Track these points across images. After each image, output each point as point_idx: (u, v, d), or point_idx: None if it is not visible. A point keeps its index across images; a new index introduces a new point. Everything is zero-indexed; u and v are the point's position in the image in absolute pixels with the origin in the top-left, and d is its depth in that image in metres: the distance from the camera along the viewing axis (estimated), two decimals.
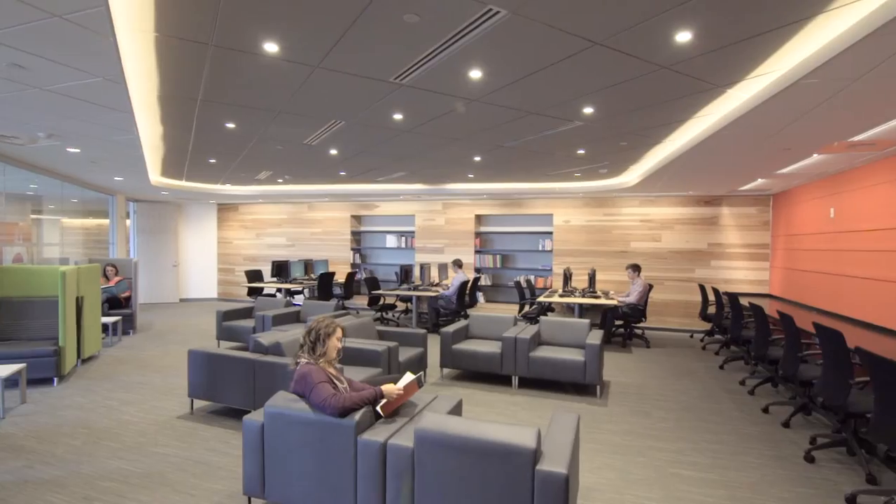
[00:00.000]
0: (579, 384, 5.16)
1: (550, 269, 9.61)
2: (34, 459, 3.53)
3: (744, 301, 6.27)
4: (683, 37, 2.74)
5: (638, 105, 3.95)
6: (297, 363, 2.88)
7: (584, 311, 7.54)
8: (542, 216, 9.73)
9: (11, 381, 4.98)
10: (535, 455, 2.20)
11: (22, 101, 3.66)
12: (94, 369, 5.97)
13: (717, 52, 2.92)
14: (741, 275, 8.43)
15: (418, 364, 5.29)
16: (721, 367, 6.27)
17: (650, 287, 7.61)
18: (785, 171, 5.83)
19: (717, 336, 8.00)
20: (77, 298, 6.01)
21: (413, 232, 10.72)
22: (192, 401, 4.58)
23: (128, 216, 11.79)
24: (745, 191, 7.81)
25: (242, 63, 3.19)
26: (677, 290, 8.74)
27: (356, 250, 11.34)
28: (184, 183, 9.38)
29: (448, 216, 10.34)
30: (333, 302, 7.17)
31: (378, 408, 2.80)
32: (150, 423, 4.25)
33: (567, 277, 8.00)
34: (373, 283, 9.32)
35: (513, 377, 5.28)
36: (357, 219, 11.39)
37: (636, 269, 7.66)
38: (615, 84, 3.48)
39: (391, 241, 10.97)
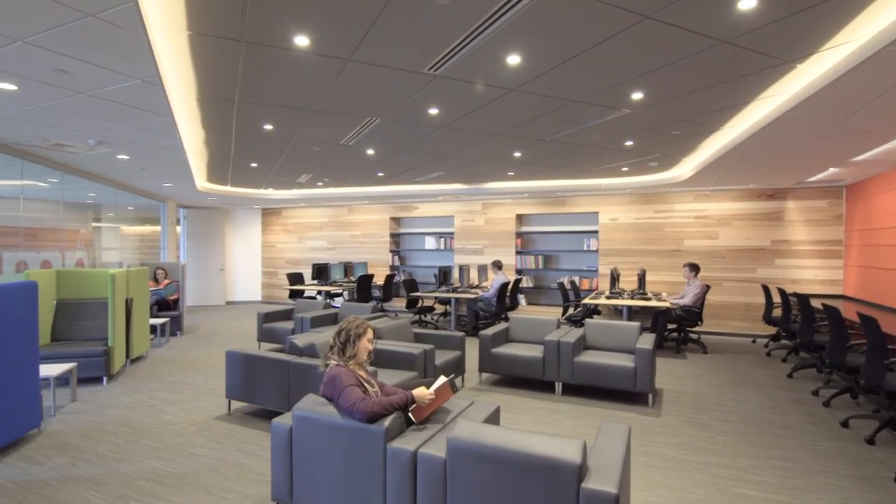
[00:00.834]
0: (629, 392, 4.81)
1: (596, 270, 9.20)
2: (78, 457, 3.58)
3: (815, 303, 5.72)
4: (747, 3, 2.43)
5: (693, 87, 3.61)
6: (326, 365, 2.75)
7: (633, 313, 7.13)
8: (587, 214, 9.34)
9: (63, 380, 5.18)
10: (581, 471, 1.96)
11: (70, 107, 3.75)
12: (142, 369, 6.13)
13: (787, 20, 2.58)
14: (810, 274, 7.75)
15: (455, 368, 5.10)
16: (789, 376, 5.73)
17: (707, 288, 7.11)
18: (862, 157, 5.26)
19: (784, 341, 7.38)
20: (126, 300, 6.20)
21: (452, 233, 10.56)
22: (229, 402, 4.57)
23: (178, 222, 12.27)
24: (814, 182, 7.18)
25: (275, 59, 3.11)
26: (737, 291, 8.14)
27: (395, 252, 11.29)
28: (229, 188, 9.61)
29: (488, 216, 10.11)
30: (371, 304, 7.09)
31: (409, 413, 2.64)
32: (189, 424, 4.26)
33: (614, 278, 7.60)
34: (411, 285, 9.22)
35: (556, 383, 5.00)
36: (396, 221, 11.35)
37: (694, 268, 7.16)
38: (667, 64, 3.18)
39: (430, 242, 10.85)
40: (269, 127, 4.82)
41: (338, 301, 10.36)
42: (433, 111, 4.25)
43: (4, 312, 3.58)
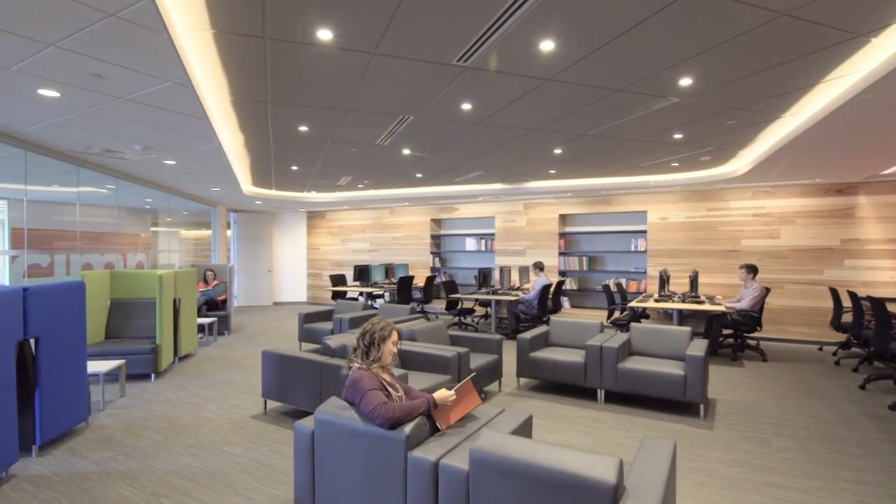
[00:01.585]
0: (678, 402, 4.47)
1: (644, 272, 8.76)
2: (118, 452, 3.67)
3: (891, 307, 5.15)
4: None
5: (748, 70, 3.30)
6: (349, 368, 2.67)
7: (684, 317, 6.71)
8: (635, 214, 8.91)
9: (113, 376, 5.39)
10: (616, 492, 1.76)
11: (110, 112, 3.88)
12: (188, 367, 6.31)
13: None
14: (885, 276, 7.04)
15: (492, 372, 4.93)
16: (862, 387, 5.18)
17: (766, 291, 6.58)
18: None
19: (856, 349, 6.72)
20: (174, 300, 6.41)
21: (493, 234, 10.37)
22: (265, 401, 4.60)
23: (229, 226, 12.73)
24: (890, 175, 6.51)
25: (300, 56, 3.08)
26: (801, 294, 7.51)
27: (436, 254, 11.22)
28: (274, 192, 9.85)
29: (530, 216, 9.85)
30: (409, 305, 7.02)
31: (435, 419, 2.52)
32: (226, 422, 4.31)
33: (663, 280, 7.18)
34: (450, 286, 9.10)
35: (598, 390, 4.73)
36: (437, 222, 11.28)
37: (751, 270, 6.64)
38: (719, 44, 2.90)
39: (471, 244, 10.71)
40: (304, 128, 4.83)
41: (379, 302, 10.41)
42: (466, 106, 4.11)
43: (55, 310, 3.73)
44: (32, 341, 3.56)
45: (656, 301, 6.82)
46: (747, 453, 3.56)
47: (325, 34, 2.76)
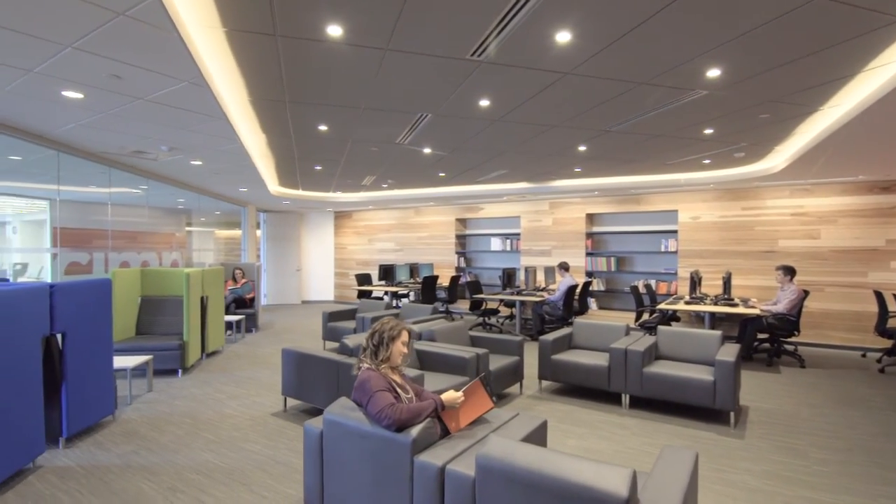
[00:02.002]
0: (707, 409, 4.27)
1: (675, 273, 8.47)
2: (141, 446, 3.75)
3: None
4: None
5: (782, 59, 3.11)
6: (359, 368, 2.63)
7: (716, 321, 6.45)
8: (665, 213, 8.63)
9: (141, 371, 5.52)
10: None
11: (133, 113, 3.97)
12: (215, 363, 6.44)
13: None
14: None
15: (512, 374, 4.83)
16: None
17: (805, 294, 6.24)
18: None
19: None
20: (202, 298, 6.54)
21: (518, 234, 10.23)
22: (285, 399, 4.63)
23: (259, 226, 12.98)
24: None
25: (313, 53, 3.06)
26: (843, 297, 7.11)
27: (461, 254, 11.15)
28: (300, 192, 9.97)
29: (556, 216, 9.67)
30: (431, 305, 6.98)
31: (445, 422, 2.46)
32: (246, 418, 4.36)
33: (695, 282, 6.92)
34: (474, 286, 9.01)
35: (623, 395, 4.57)
36: (462, 222, 11.21)
37: (789, 271, 6.31)
38: (749, 30, 2.73)
39: (496, 244, 10.60)
40: (323, 128, 4.84)
41: (404, 302, 10.42)
42: (484, 103, 4.03)
43: (81, 307, 3.83)
44: (59, 336, 3.67)
45: (687, 303, 6.57)
46: (780, 465, 3.36)
47: (335, 30, 2.73)
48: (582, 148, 5.64)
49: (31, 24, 2.43)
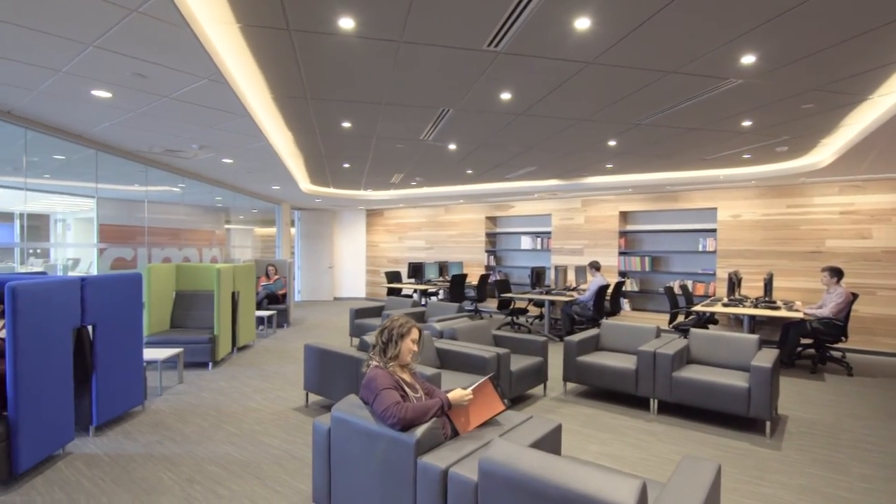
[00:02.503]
0: (741, 417, 4.02)
1: (713, 274, 8.09)
2: (166, 436, 3.85)
3: None
4: None
5: (825, 43, 2.87)
6: (367, 365, 2.59)
7: (756, 325, 6.10)
8: (703, 211, 8.26)
9: (172, 363, 5.68)
10: None
11: (160, 112, 4.07)
12: (245, 357, 6.58)
13: None
14: None
15: (535, 376, 4.70)
16: None
17: (853, 297, 5.83)
18: None
19: None
20: (233, 293, 6.70)
21: (549, 232, 10.02)
22: (307, 394, 4.67)
23: (293, 223, 13.25)
24: None
25: (328, 48, 3.05)
26: None
27: (491, 252, 11.03)
28: (331, 190, 10.10)
29: (588, 214, 9.42)
30: (456, 304, 6.91)
31: (454, 423, 2.39)
32: (268, 412, 4.41)
33: (734, 283, 6.58)
34: (503, 285, 8.89)
35: (651, 400, 4.37)
36: (492, 220, 11.09)
37: (836, 273, 5.90)
38: (784, 12, 2.54)
39: (526, 242, 10.43)
40: (347, 124, 4.85)
41: (432, 300, 10.40)
42: (505, 96, 3.93)
43: (111, 300, 3.96)
44: (90, 328, 3.80)
45: (725, 305, 6.25)
46: (818, 479, 3.12)
47: (346, 22, 2.70)
48: (612, 143, 5.45)
49: (50, 24, 2.51)
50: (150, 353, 5.02)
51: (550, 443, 2.46)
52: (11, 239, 9.74)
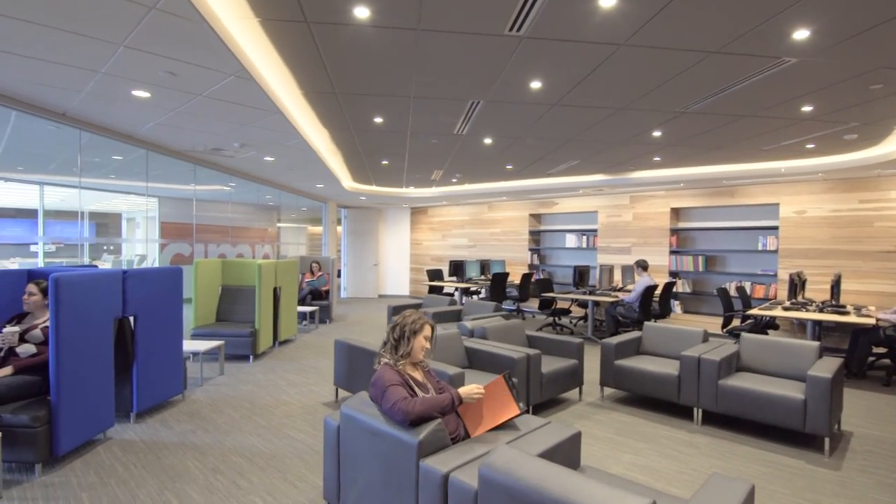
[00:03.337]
0: (796, 432, 3.64)
1: (774, 275, 7.49)
2: (199, 425, 3.97)
3: None
4: None
5: (892, 11, 2.52)
6: (379, 363, 2.52)
7: (822, 331, 5.57)
8: (763, 207, 7.66)
9: (213, 355, 5.86)
10: None
11: (197, 110, 4.19)
12: (285, 351, 6.73)
13: None
14: None
15: (569, 379, 4.49)
16: None
17: None
18: None
19: None
20: (275, 289, 6.86)
21: (595, 230, 9.65)
22: (336, 389, 4.69)
23: (340, 221, 13.52)
24: None
25: (348, 39, 3.01)
26: None
27: (534, 251, 10.77)
28: (374, 188, 10.20)
29: (637, 211, 8.99)
30: (493, 303, 6.76)
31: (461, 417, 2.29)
32: (298, 406, 4.46)
33: (796, 285, 6.04)
34: (545, 285, 8.64)
35: (695, 409, 4.06)
36: (536, 217, 10.82)
37: None
38: None
39: (571, 240, 10.10)
40: (378, 120, 4.83)
41: (472, 298, 10.29)
42: (536, 85, 3.75)
43: (152, 292, 4.12)
44: (132, 319, 3.97)
45: (785, 309, 5.75)
46: None
47: (362, 11, 2.64)
48: (656, 133, 5.13)
49: (79, 24, 2.61)
50: (191, 345, 5.23)
51: (567, 451, 2.30)
52: (80, 236, 10.51)
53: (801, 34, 2.77)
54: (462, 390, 2.25)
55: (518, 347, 4.29)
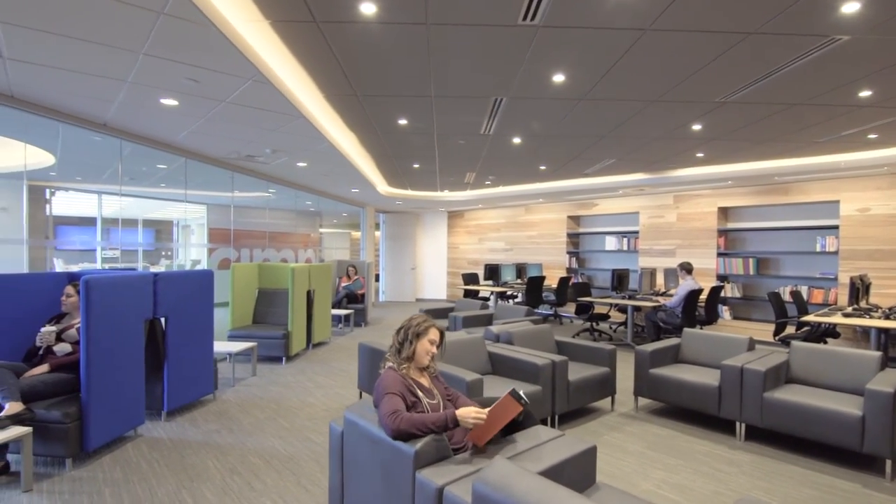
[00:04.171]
0: (852, 452, 3.27)
1: (834, 278, 6.89)
2: (224, 426, 4.02)
3: None
4: None
5: None
6: (384, 366, 2.44)
7: (889, 339, 5.05)
8: (822, 205, 7.08)
9: (246, 356, 5.97)
10: None
11: (224, 116, 4.27)
12: (318, 354, 6.80)
13: None
14: None
15: (599, 387, 4.26)
16: None
17: None
18: None
19: None
20: (308, 292, 6.95)
21: (637, 232, 9.24)
22: (360, 392, 4.66)
23: (378, 226, 13.66)
24: None
25: (359, 38, 2.97)
26: None
27: (573, 254, 10.44)
28: (409, 192, 10.21)
29: (681, 211, 8.53)
30: (526, 307, 6.57)
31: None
32: (322, 409, 4.46)
33: (858, 290, 5.52)
34: (582, 289, 8.34)
35: (737, 424, 3.74)
36: (574, 219, 10.50)
37: None
38: None
39: (611, 243, 9.72)
40: (403, 121, 4.79)
41: (500, 303, 10.09)
42: (558, 78, 3.59)
43: (182, 295, 4.23)
44: (163, 320, 4.09)
45: (846, 315, 5.26)
46: None
47: (367, 7, 2.59)
48: (696, 127, 4.82)
49: (98, 34, 2.69)
50: (225, 346, 5.35)
51: (580, 466, 2.13)
52: (136, 242, 11.09)
53: (850, 6, 2.49)
54: (460, 414, 2.10)
55: (544, 353, 4.10)
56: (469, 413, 2.08)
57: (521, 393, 2.19)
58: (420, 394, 2.29)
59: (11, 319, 3.62)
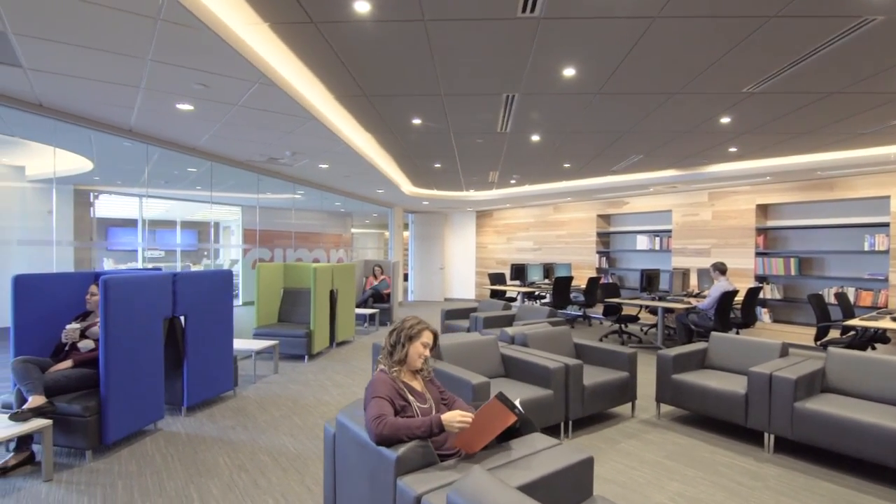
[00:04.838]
0: (893, 470, 3.02)
1: (885, 279, 6.40)
2: (240, 422, 4.10)
3: None
4: None
5: None
6: (377, 369, 2.41)
7: None
8: (870, 201, 6.60)
9: (268, 354, 6.06)
10: None
11: (239, 120, 4.35)
12: (340, 353, 6.86)
13: None
14: None
15: (619, 393, 4.09)
16: None
17: None
18: None
19: None
20: (331, 291, 7.02)
21: (670, 231, 8.89)
22: None
23: (407, 226, 13.71)
24: None
25: (357, 37, 2.94)
26: None
27: (603, 253, 10.15)
28: (435, 192, 10.18)
29: (716, 208, 8.15)
30: (548, 308, 6.41)
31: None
32: (336, 407, 4.48)
33: None
34: (611, 289, 8.09)
35: (766, 435, 3.51)
36: (604, 218, 10.21)
37: None
38: None
39: (642, 242, 9.39)
40: (416, 121, 4.75)
41: (526, 303, 9.92)
42: (569, 72, 3.46)
43: (201, 293, 4.33)
44: (182, 319, 4.20)
45: (895, 319, 4.87)
46: None
47: (361, 6, 2.56)
48: (724, 120, 4.56)
49: (104, 42, 2.76)
50: (247, 344, 5.47)
51: (574, 478, 2.03)
52: (174, 243, 11.51)
53: None
54: (445, 418, 2.04)
55: (558, 357, 3.97)
56: (454, 417, 2.01)
57: (517, 402, 2.11)
58: (410, 398, 2.24)
59: (42, 317, 3.79)
